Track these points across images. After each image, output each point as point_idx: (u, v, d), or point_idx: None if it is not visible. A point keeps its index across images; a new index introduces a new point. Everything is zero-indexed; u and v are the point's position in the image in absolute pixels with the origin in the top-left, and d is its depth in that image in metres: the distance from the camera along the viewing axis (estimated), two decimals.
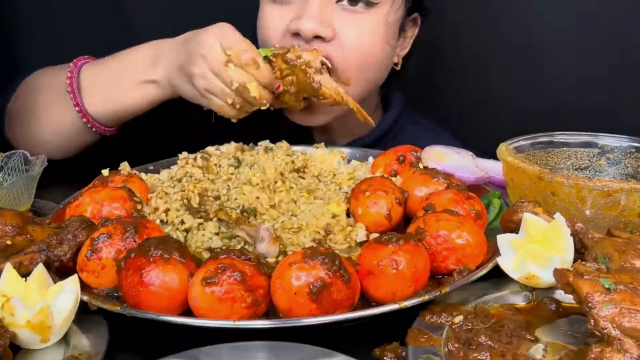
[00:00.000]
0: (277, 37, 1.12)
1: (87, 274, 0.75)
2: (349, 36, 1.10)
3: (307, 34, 1.07)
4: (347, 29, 1.10)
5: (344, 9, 1.10)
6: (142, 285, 0.69)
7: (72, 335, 0.69)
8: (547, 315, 0.74)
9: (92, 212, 0.85)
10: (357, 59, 1.11)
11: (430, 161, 1.01)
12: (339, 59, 1.09)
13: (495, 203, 0.94)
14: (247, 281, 0.68)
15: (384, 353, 0.69)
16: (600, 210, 0.84)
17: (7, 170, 1.02)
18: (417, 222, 0.81)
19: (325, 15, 1.08)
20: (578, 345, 0.69)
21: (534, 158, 1.00)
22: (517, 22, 1.49)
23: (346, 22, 1.10)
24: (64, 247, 0.76)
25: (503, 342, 0.68)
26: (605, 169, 1.01)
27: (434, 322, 0.71)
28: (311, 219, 0.87)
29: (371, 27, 1.12)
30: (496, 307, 0.75)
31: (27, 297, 0.67)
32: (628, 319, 0.60)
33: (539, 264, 0.75)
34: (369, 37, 1.12)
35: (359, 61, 1.12)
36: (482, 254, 0.79)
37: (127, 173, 0.97)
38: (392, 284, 0.72)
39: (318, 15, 1.07)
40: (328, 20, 1.09)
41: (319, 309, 0.68)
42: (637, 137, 0.99)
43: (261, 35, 1.15)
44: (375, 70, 1.18)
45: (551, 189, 0.86)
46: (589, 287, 0.63)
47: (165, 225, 0.87)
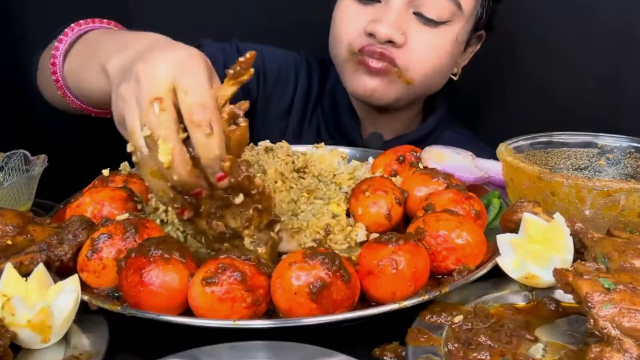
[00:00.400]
0: (353, 34, 1.17)
1: (88, 274, 0.75)
2: (419, 47, 1.16)
3: (381, 37, 1.13)
4: (418, 40, 1.16)
5: (419, 21, 1.15)
6: (143, 285, 0.69)
7: (72, 335, 0.69)
8: (547, 315, 0.74)
9: (92, 212, 0.85)
10: (422, 69, 1.18)
11: (430, 161, 1.01)
12: (404, 65, 1.16)
13: (495, 203, 0.94)
14: (247, 281, 0.68)
15: (383, 353, 0.69)
16: (600, 210, 0.84)
17: (7, 170, 1.03)
18: (417, 222, 0.81)
19: (401, 23, 1.14)
20: (578, 345, 0.69)
21: (533, 158, 1.00)
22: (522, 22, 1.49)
23: (419, 32, 1.16)
24: (65, 247, 0.76)
25: (503, 342, 0.68)
26: (605, 169, 1.01)
27: (433, 321, 0.71)
28: (311, 218, 0.87)
29: (441, 42, 1.18)
30: (496, 306, 0.75)
31: (27, 297, 0.67)
32: (628, 319, 0.61)
33: (538, 263, 0.75)
34: (437, 52, 1.18)
35: (423, 71, 1.18)
36: (482, 254, 0.79)
37: (128, 173, 0.97)
38: (392, 284, 0.72)
39: (395, 22, 1.13)
40: (403, 27, 1.14)
41: (319, 309, 0.68)
42: (636, 137, 0.99)
43: (336, 28, 1.20)
44: (435, 81, 1.25)
45: (551, 189, 0.86)
46: (589, 287, 0.63)
47: (166, 225, 0.87)
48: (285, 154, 1.03)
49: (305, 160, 1.03)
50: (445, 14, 1.15)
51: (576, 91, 1.49)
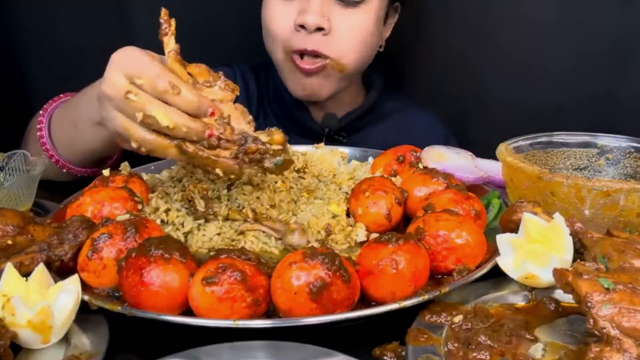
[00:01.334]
0: (285, 31, 1.22)
1: (88, 274, 0.75)
2: (344, 31, 1.22)
3: (310, 26, 1.18)
4: (342, 24, 1.21)
5: (340, 4, 1.21)
6: (143, 285, 0.69)
7: (72, 334, 0.69)
8: (547, 315, 0.74)
9: (92, 212, 0.85)
10: (352, 53, 1.24)
11: (430, 161, 1.01)
12: (335, 53, 1.22)
13: (495, 203, 0.94)
14: (248, 281, 0.68)
15: (383, 352, 0.69)
16: (600, 210, 0.84)
17: (8, 170, 1.02)
18: (417, 222, 0.81)
19: (325, 10, 1.20)
20: (577, 345, 0.69)
21: (533, 158, 1.00)
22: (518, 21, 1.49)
23: (342, 16, 1.21)
24: (65, 247, 0.76)
25: (502, 342, 0.68)
26: (605, 169, 1.01)
27: (433, 321, 0.71)
28: (311, 218, 0.87)
29: (363, 22, 1.23)
30: (496, 306, 0.75)
31: (28, 297, 0.67)
32: (627, 319, 0.61)
33: (538, 263, 0.76)
34: (362, 32, 1.24)
35: (353, 55, 1.25)
36: (482, 254, 0.80)
37: (128, 173, 0.97)
38: (391, 284, 0.72)
39: (319, 10, 1.19)
40: (327, 14, 1.20)
41: (319, 309, 0.68)
42: (636, 138, 0.99)
43: (269, 28, 1.25)
44: (366, 57, 1.30)
45: (550, 189, 0.86)
46: (588, 287, 0.63)
47: (166, 225, 0.87)
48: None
49: (305, 160, 1.03)
50: None
51: (575, 92, 1.49)
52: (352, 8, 1.22)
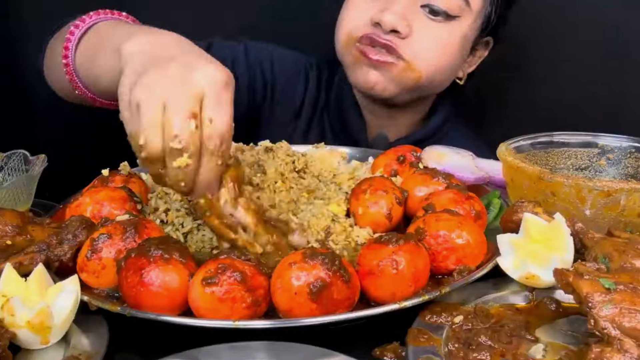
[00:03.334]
0: (357, 23, 1.17)
1: (87, 274, 0.75)
2: (423, 40, 1.16)
3: (386, 26, 1.12)
4: (423, 32, 1.15)
5: (426, 15, 1.15)
6: (142, 286, 0.69)
7: (72, 335, 0.69)
8: (547, 315, 0.74)
9: (92, 212, 0.85)
10: (429, 62, 1.17)
11: (430, 161, 1.01)
12: (411, 56, 1.15)
13: (495, 203, 0.94)
14: (247, 281, 0.68)
15: (384, 353, 0.69)
16: (600, 211, 0.84)
17: (7, 170, 1.02)
18: (417, 222, 0.81)
19: (408, 14, 1.14)
20: (578, 345, 0.69)
21: (534, 158, 1.00)
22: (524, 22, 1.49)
23: (426, 26, 1.16)
24: (64, 247, 0.76)
25: (503, 342, 0.68)
26: (605, 169, 1.01)
27: (434, 322, 0.71)
28: (311, 218, 0.87)
29: (446, 37, 1.17)
30: (496, 307, 0.75)
31: (27, 297, 0.67)
32: (628, 319, 0.61)
33: (539, 264, 0.76)
34: (444, 46, 1.17)
35: (430, 65, 1.17)
36: (482, 254, 0.80)
37: (127, 173, 0.97)
38: (392, 284, 0.72)
39: (401, 12, 1.13)
40: (409, 19, 1.14)
41: (319, 309, 0.68)
42: (637, 137, 1.00)
43: (342, 18, 1.20)
44: (441, 79, 1.23)
45: (551, 189, 0.86)
46: (589, 287, 0.63)
47: (165, 225, 0.87)
48: (285, 154, 1.03)
49: (305, 160, 1.03)
50: (454, 9, 1.15)
51: (578, 92, 1.49)
52: (440, 22, 1.15)
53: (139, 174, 0.99)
